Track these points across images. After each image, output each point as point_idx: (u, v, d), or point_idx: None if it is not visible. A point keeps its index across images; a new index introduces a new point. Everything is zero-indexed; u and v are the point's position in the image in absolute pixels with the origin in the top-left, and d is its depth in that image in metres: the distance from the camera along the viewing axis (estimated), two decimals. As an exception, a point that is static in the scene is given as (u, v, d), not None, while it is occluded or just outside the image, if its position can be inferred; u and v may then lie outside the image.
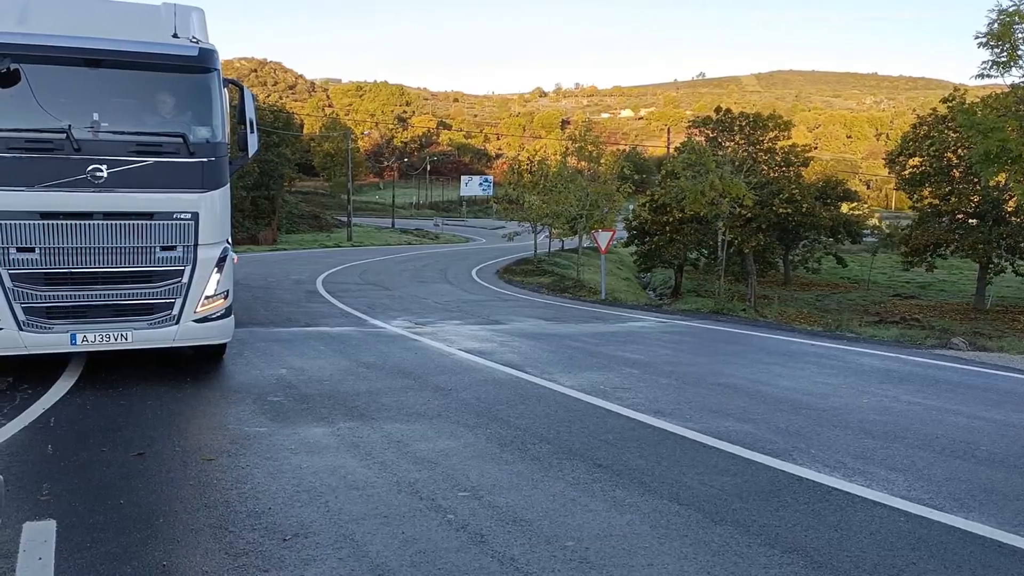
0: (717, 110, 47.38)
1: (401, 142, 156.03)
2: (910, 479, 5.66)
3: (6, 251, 7.57)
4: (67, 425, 6.69)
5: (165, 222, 8.09)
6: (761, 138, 45.14)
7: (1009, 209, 36.16)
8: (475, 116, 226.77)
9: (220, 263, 8.47)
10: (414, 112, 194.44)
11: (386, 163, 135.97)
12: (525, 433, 6.68)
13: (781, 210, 38.47)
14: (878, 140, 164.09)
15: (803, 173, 46.98)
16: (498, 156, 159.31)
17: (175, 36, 8.29)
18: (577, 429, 6.86)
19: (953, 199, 37.64)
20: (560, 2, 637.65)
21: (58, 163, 7.62)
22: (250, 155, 8.87)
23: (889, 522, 4.82)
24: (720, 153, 34.36)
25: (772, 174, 43.41)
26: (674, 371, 9.84)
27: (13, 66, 7.26)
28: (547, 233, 39.40)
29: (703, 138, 43.67)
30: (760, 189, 35.24)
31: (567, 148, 38.00)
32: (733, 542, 4.45)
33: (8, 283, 7.59)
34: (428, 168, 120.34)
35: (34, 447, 6.08)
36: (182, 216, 8.15)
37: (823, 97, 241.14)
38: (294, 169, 73.06)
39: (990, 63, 20.30)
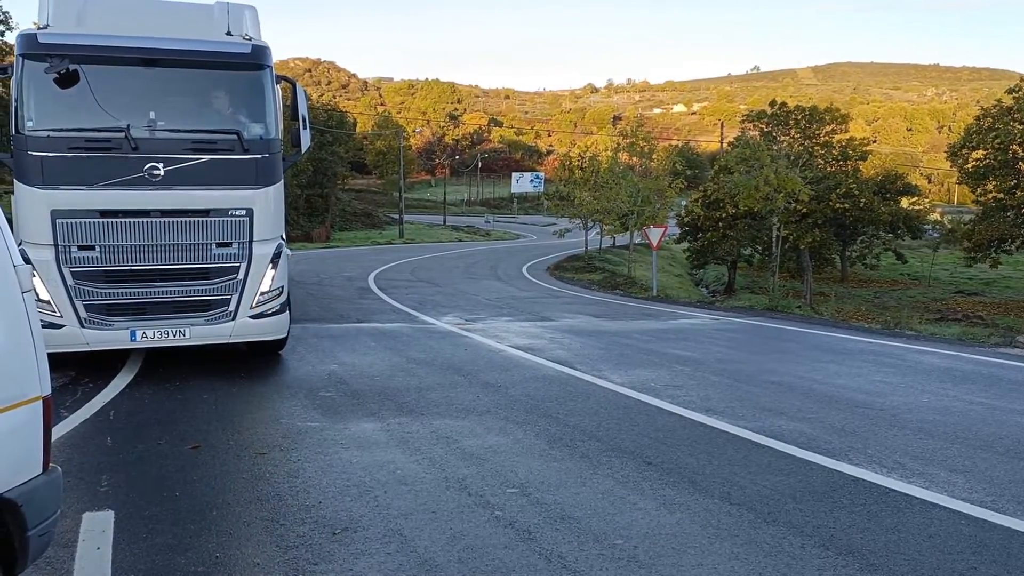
0: (772, 104, 46.53)
1: (452, 139, 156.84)
2: (971, 481, 5.48)
3: (67, 249, 7.75)
4: (126, 418, 6.87)
5: (221, 219, 8.21)
6: (817, 132, 44.20)
7: (1080, 202, 34.81)
8: (526, 113, 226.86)
9: (275, 259, 8.56)
10: (465, 109, 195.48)
11: (437, 160, 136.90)
12: (574, 430, 6.65)
13: (838, 205, 37.63)
14: (940, 133, 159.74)
15: (861, 167, 45.88)
16: (549, 153, 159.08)
17: (228, 34, 8.41)
18: (627, 427, 6.81)
19: (1019, 192, 36.34)
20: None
21: (116, 162, 7.78)
22: (303, 151, 8.98)
23: (949, 525, 4.67)
24: (775, 148, 33.77)
25: (829, 168, 42.49)
26: (726, 369, 9.69)
27: (72, 67, 7.39)
28: (598, 230, 39.19)
29: (757, 132, 42.98)
30: (816, 184, 34.51)
31: (618, 144, 37.71)
32: (786, 543, 4.36)
33: (70, 281, 7.76)
34: (479, 165, 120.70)
35: (94, 439, 6.26)
36: (237, 213, 8.26)
37: (882, 89, 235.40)
38: (347, 167, 74.01)
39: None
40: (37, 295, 7.29)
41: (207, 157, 8.08)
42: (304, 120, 8.76)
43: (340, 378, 8.69)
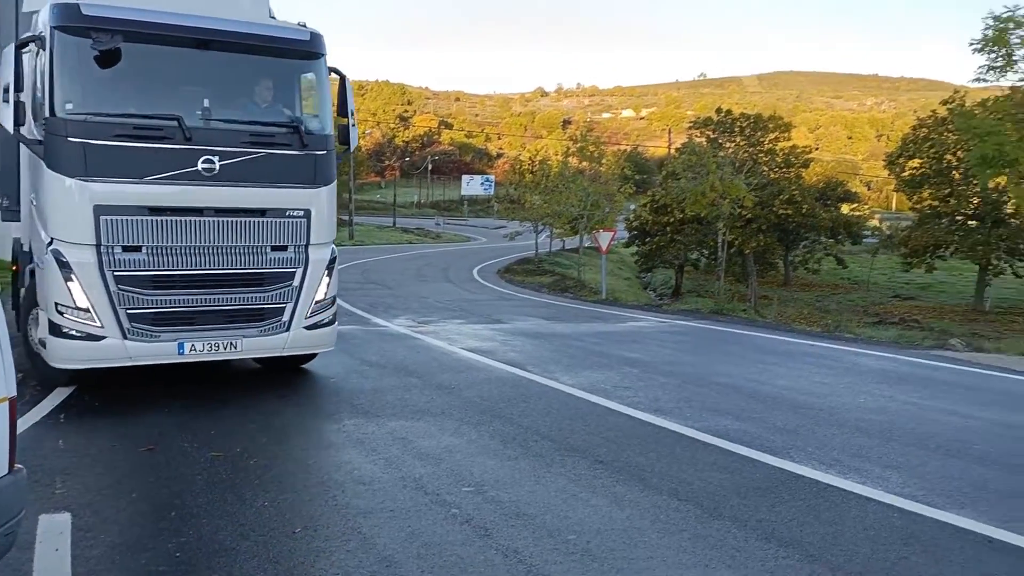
0: (718, 111, 47.50)
1: (403, 141, 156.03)
2: (904, 476, 5.78)
3: (111, 250, 6.88)
4: (77, 420, 6.81)
5: (278, 219, 7.53)
6: (762, 139, 45.25)
7: (1008, 211, 36.28)
8: (476, 115, 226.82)
9: (331, 265, 7.96)
10: (415, 111, 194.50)
11: (387, 162, 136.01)
12: (527, 431, 6.80)
13: (781, 211, 38.56)
14: (879, 141, 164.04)
15: (803, 174, 47.05)
16: (499, 156, 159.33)
17: (272, 18, 7.85)
18: (579, 427, 6.98)
19: (953, 201, 37.81)
20: (562, 1, 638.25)
21: (168, 153, 6.95)
22: (351, 149, 8.23)
23: (883, 518, 4.94)
24: (720, 154, 34.47)
25: (773, 175, 43.50)
26: (674, 370, 9.96)
27: (122, 44, 6.65)
28: (548, 233, 39.51)
29: (704, 139, 43.81)
30: (760, 190, 35.33)
31: (568, 148, 38.11)
32: (730, 536, 4.57)
33: (113, 286, 6.89)
34: (429, 167, 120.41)
35: (46, 442, 6.20)
36: (295, 214, 7.59)
37: (824, 98, 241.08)
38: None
39: (986, 67, 20.58)
40: (74, 302, 6.77)
41: (265, 152, 7.38)
42: (352, 115, 8.05)
43: (294, 381, 8.70)
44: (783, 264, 48.62)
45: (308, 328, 7.79)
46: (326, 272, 7.87)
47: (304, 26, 7.83)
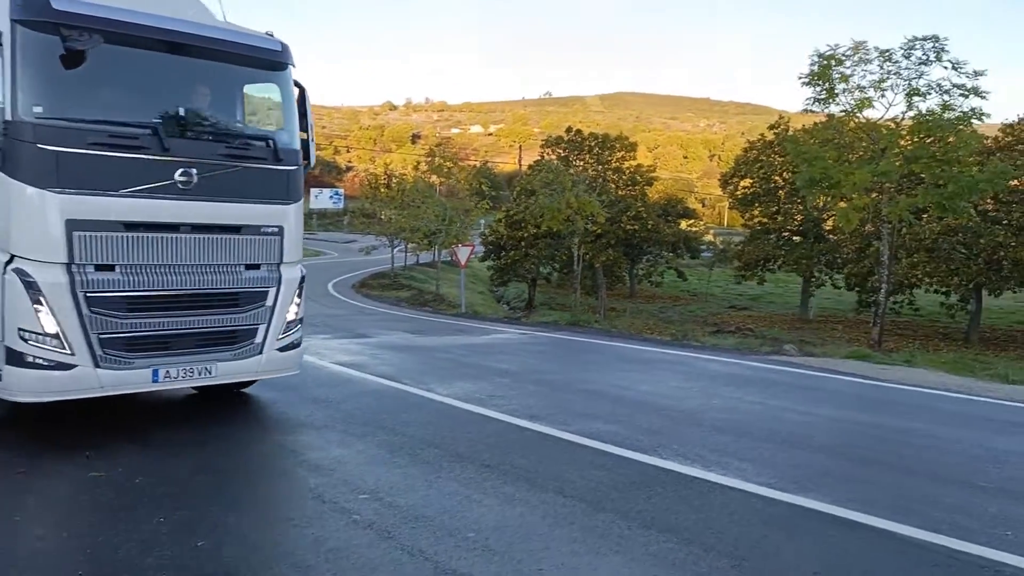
0: (568, 130, 49.19)
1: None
2: (758, 467, 6.44)
3: (83, 269, 6.25)
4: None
5: (252, 237, 7.15)
6: (609, 158, 47.24)
7: (827, 228, 39.68)
8: (324, 128, 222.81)
9: (301, 284, 7.66)
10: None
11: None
12: (412, 440, 7.02)
13: (629, 227, 40.42)
14: (711, 161, 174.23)
15: (648, 192, 49.48)
16: (348, 169, 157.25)
17: (227, 24, 7.43)
18: (461, 434, 7.27)
19: (780, 218, 40.92)
20: (408, 14, 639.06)
21: (143, 164, 6.43)
22: (311, 164, 7.90)
23: (744, 503, 5.53)
24: (571, 172, 35.79)
25: (620, 192, 45.50)
26: (542, 379, 10.44)
27: (100, 44, 6.09)
28: (403, 247, 39.58)
29: (555, 157, 45.27)
30: (610, 207, 36.94)
31: (417, 163, 38.44)
32: (615, 526, 5.00)
33: (85, 309, 6.25)
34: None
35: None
36: (268, 231, 7.24)
37: (661, 119, 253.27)
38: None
39: (812, 99, 22.68)
40: (41, 327, 6.08)
41: (242, 166, 7.01)
42: (311, 129, 7.74)
43: (160, 402, 8.49)
44: (628, 277, 50.85)
45: (280, 350, 7.46)
46: (297, 291, 7.59)
47: (272, 36, 7.55)
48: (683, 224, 52.07)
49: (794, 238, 41.45)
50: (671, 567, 4.42)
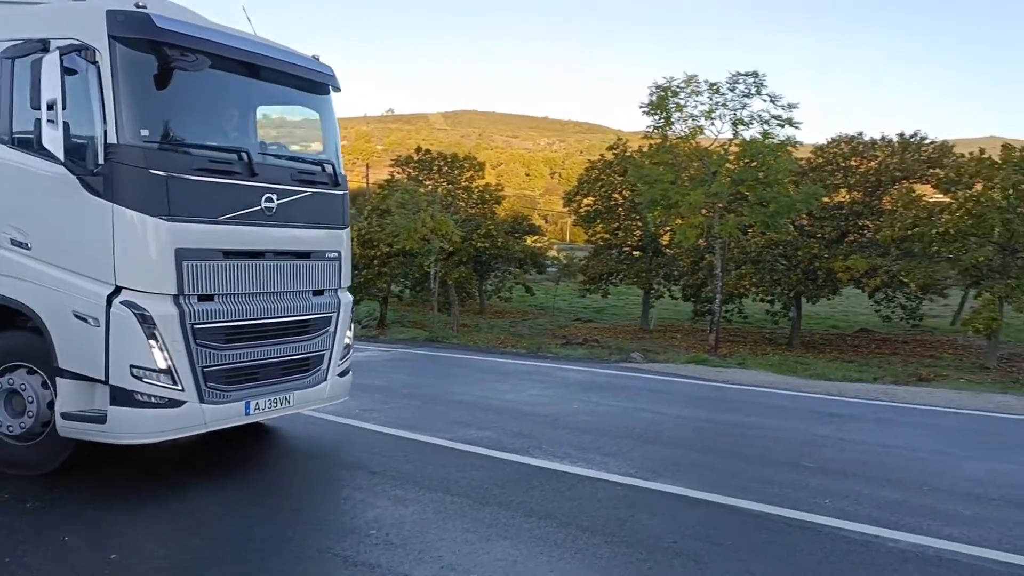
0: (417, 150, 49.68)
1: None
2: (619, 461, 7.23)
3: (188, 300, 5.94)
4: None
5: (318, 263, 7.02)
6: (459, 177, 48.10)
7: (664, 243, 42.22)
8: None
9: (352, 309, 7.59)
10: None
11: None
12: (302, 455, 7.36)
13: (479, 244, 41.32)
14: (552, 178, 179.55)
15: (496, 210, 50.69)
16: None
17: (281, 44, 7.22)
18: (344, 447, 7.67)
19: (620, 234, 43.03)
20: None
21: (233, 190, 6.22)
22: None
23: (610, 491, 6.29)
24: (421, 191, 36.29)
25: (471, 211, 46.40)
26: (414, 392, 10.90)
27: (203, 68, 5.92)
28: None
29: (405, 176, 45.64)
30: (463, 225, 37.70)
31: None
32: (501, 516, 5.60)
33: (192, 343, 5.95)
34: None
35: None
36: (331, 256, 7.13)
37: (503, 137, 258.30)
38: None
39: (652, 127, 24.43)
40: (155, 363, 5.74)
41: (311, 191, 6.86)
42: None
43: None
44: (479, 293, 51.82)
45: (340, 375, 7.31)
46: (351, 316, 7.54)
47: (319, 59, 7.41)
48: (529, 240, 53.63)
49: (634, 253, 43.70)
50: (553, 546, 5.07)
